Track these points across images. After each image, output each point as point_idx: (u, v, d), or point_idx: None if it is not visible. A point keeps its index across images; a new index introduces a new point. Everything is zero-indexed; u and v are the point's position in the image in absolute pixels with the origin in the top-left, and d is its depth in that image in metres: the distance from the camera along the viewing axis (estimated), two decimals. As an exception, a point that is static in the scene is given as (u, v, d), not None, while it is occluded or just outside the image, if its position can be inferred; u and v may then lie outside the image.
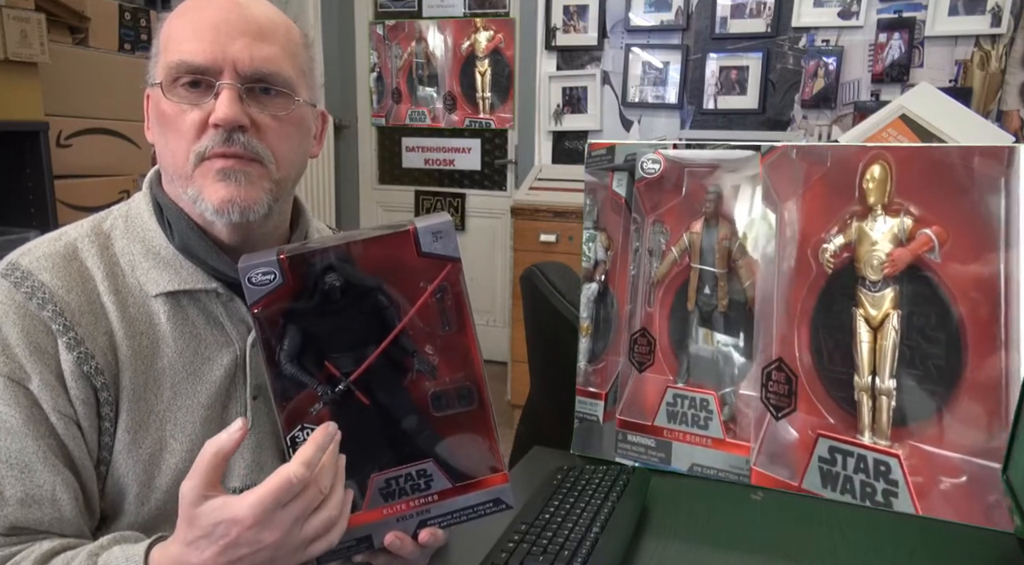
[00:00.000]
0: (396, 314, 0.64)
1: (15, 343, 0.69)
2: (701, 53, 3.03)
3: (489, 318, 3.78)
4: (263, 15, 0.74)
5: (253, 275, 0.61)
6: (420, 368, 0.66)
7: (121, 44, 2.32)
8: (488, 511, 0.69)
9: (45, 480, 0.68)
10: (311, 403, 0.64)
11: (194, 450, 0.74)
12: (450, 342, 0.66)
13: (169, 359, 0.75)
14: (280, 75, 0.73)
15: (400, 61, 3.72)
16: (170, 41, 0.73)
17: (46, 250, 0.74)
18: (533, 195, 2.98)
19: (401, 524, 0.67)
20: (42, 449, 0.68)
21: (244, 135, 0.71)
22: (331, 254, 0.62)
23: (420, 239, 0.63)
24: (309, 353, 0.63)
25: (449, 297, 0.65)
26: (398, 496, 0.67)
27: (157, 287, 0.75)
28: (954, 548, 0.82)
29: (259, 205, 0.73)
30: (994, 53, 2.65)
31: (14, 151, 1.99)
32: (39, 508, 0.68)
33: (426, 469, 0.67)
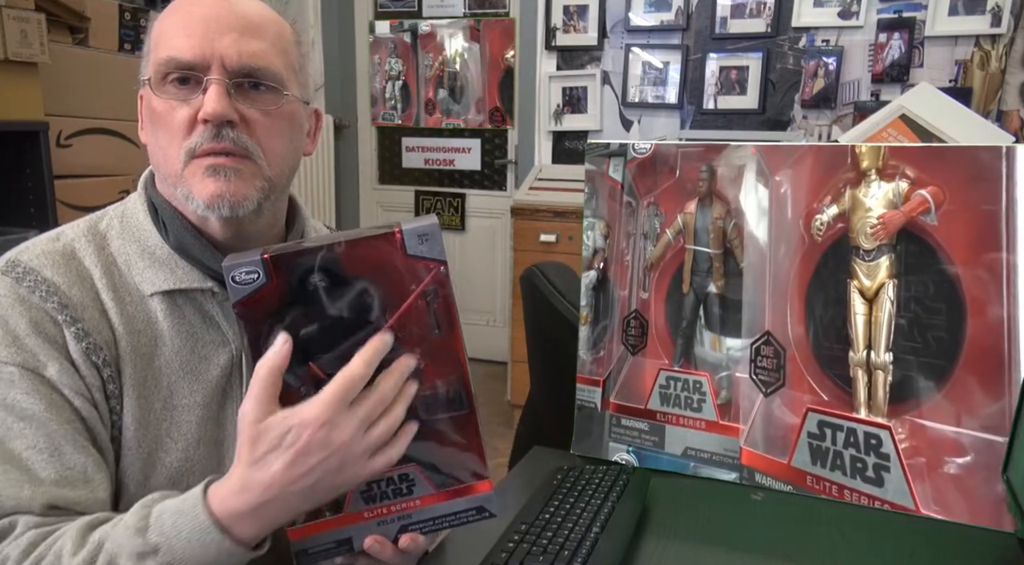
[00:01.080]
0: (382, 316, 0.64)
1: (24, 333, 0.69)
2: (701, 53, 3.03)
3: (489, 318, 3.78)
4: (253, 11, 0.74)
5: (236, 274, 0.61)
6: None
7: (121, 44, 2.32)
8: (471, 519, 0.68)
9: (76, 462, 0.67)
10: (295, 404, 0.63)
11: (189, 449, 0.74)
12: (437, 345, 0.65)
13: (167, 358, 0.75)
14: (269, 70, 0.73)
15: (430, 71, 3.68)
16: (160, 39, 0.73)
17: (45, 248, 0.74)
18: (533, 195, 2.98)
19: (382, 528, 0.66)
20: (69, 433, 0.68)
21: (233, 131, 0.71)
22: (316, 255, 0.62)
23: (406, 241, 0.62)
24: (294, 354, 0.62)
25: (436, 300, 0.64)
26: (379, 500, 0.66)
27: (153, 286, 0.75)
28: (954, 548, 0.82)
29: (249, 200, 0.73)
30: (994, 53, 2.65)
31: (14, 151, 1.99)
32: (73, 488, 0.67)
33: (408, 474, 0.66)
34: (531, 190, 3.04)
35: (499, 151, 3.68)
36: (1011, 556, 0.80)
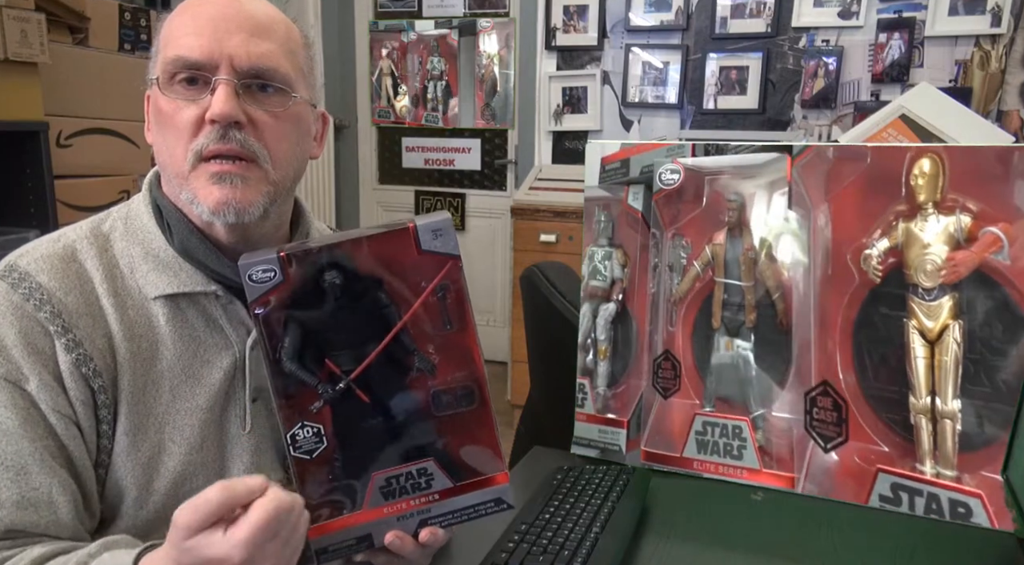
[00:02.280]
0: (397, 312, 0.64)
1: (12, 344, 0.68)
2: (701, 53, 3.03)
3: (489, 318, 3.78)
4: (262, 12, 0.74)
5: (253, 272, 0.61)
6: (420, 366, 0.65)
7: (121, 44, 2.32)
8: (489, 511, 0.69)
9: (41, 483, 0.67)
10: (312, 401, 0.64)
11: (192, 453, 0.74)
12: (451, 340, 0.66)
13: (168, 362, 0.74)
14: (278, 71, 0.73)
15: (481, 70, 3.61)
16: (169, 38, 0.73)
17: (44, 251, 0.73)
18: (533, 195, 2.98)
19: (401, 523, 0.67)
20: (39, 451, 0.68)
21: (240, 132, 0.71)
22: (331, 252, 0.62)
23: (420, 237, 0.63)
24: (310, 351, 0.63)
25: (450, 295, 0.65)
26: (399, 495, 0.66)
27: (156, 290, 0.74)
28: (954, 548, 0.82)
29: (255, 207, 0.72)
30: (994, 53, 2.65)
31: (14, 151, 1.99)
32: (35, 511, 0.67)
33: (427, 468, 0.67)
34: (531, 190, 3.04)
35: (499, 151, 3.68)
36: (1011, 556, 0.80)
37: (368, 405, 0.65)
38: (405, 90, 3.77)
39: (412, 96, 3.77)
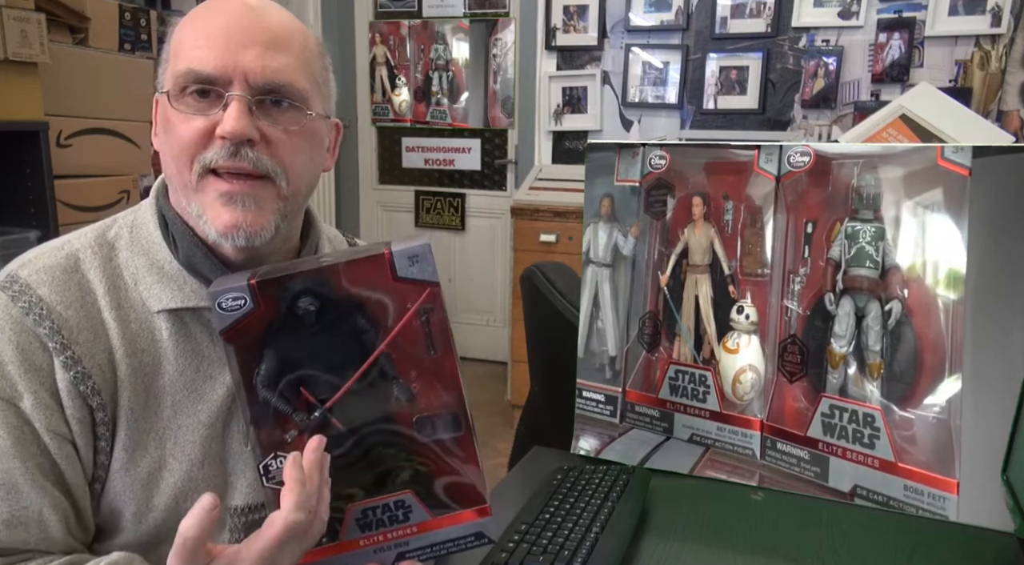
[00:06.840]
0: (375, 339, 0.62)
1: (9, 360, 0.67)
2: (701, 53, 3.03)
3: (489, 318, 3.78)
4: (278, 22, 0.71)
5: (223, 300, 0.60)
6: (399, 395, 0.64)
7: (121, 44, 2.32)
8: (469, 545, 0.67)
9: (32, 501, 0.66)
10: (287, 430, 0.62)
11: (193, 469, 0.73)
12: (433, 367, 0.64)
13: (170, 376, 0.72)
14: (293, 87, 0.70)
15: (496, 62, 3.55)
16: (180, 48, 0.70)
17: (47, 262, 0.71)
18: (533, 195, 2.98)
19: (379, 556, 0.65)
20: (30, 470, 0.66)
21: (252, 150, 0.68)
22: (304, 278, 0.60)
23: (396, 263, 0.61)
24: (287, 379, 0.61)
25: (430, 321, 0.63)
26: (375, 527, 0.65)
27: (160, 303, 0.72)
28: (954, 548, 0.82)
29: (266, 230, 0.70)
30: (994, 53, 2.65)
31: (14, 151, 1.99)
32: (25, 529, 0.66)
33: (404, 500, 0.65)
34: (531, 190, 3.04)
35: (499, 151, 3.68)
36: (1011, 556, 0.81)
37: (345, 434, 0.63)
38: (403, 82, 3.75)
39: (412, 89, 3.73)
